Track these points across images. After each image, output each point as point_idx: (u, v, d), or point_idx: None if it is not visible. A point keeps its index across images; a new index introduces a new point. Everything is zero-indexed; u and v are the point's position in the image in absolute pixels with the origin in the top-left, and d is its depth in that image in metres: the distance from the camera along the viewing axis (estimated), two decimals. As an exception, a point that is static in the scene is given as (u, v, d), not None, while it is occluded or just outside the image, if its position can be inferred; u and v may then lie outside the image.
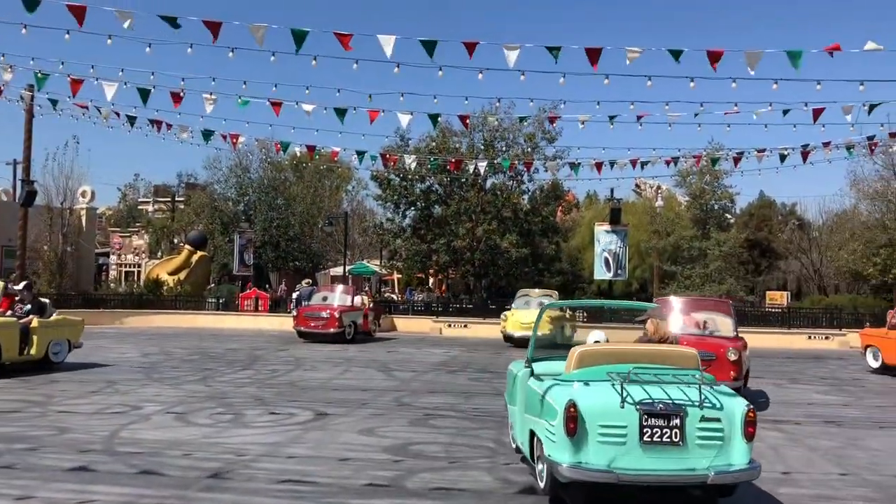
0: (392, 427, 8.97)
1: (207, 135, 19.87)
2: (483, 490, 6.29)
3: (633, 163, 22.29)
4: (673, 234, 41.63)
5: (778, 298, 38.82)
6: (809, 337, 24.85)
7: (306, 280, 32.11)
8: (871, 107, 15.79)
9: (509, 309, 22.93)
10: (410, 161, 26.69)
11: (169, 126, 19.68)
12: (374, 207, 45.20)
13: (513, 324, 21.58)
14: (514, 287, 40.98)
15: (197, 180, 52.55)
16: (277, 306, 31.12)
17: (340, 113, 16.51)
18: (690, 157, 24.27)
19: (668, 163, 22.23)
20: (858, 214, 38.79)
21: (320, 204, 44.67)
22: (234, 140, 20.94)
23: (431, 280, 45.23)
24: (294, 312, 23.33)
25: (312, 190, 44.68)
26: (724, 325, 12.10)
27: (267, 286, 38.12)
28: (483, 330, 26.36)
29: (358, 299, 23.47)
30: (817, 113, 16.08)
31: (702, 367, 6.04)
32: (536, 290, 25.10)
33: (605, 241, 29.16)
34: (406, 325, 28.52)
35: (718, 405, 5.40)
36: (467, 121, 20.10)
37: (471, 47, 12.77)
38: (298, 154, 28.05)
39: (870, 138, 21.13)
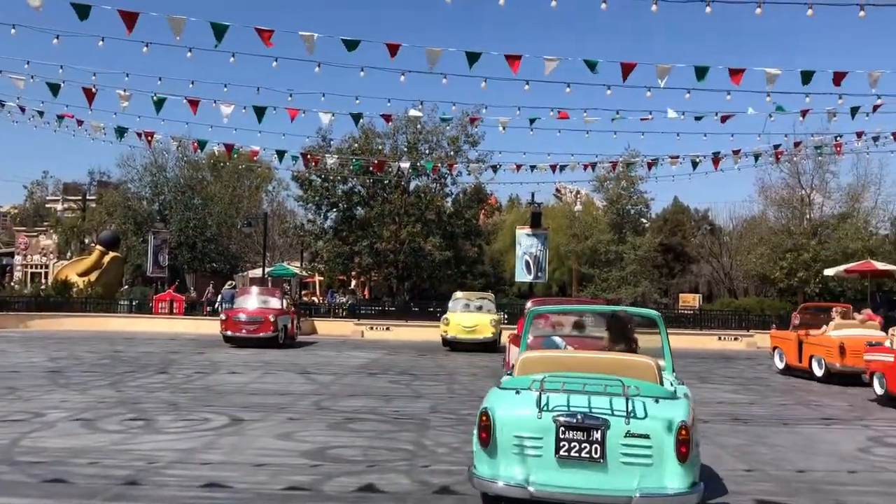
0: (310, 431, 8.85)
1: (121, 132, 19.24)
2: (401, 492, 6.26)
3: (553, 167, 22.70)
4: (591, 237, 42.53)
5: (690, 301, 40.13)
6: (719, 338, 25.80)
7: (229, 282, 31.49)
8: (779, 108, 16.57)
9: (445, 312, 22.72)
10: (332, 161, 26.46)
11: (80, 122, 18.97)
12: (295, 208, 44.62)
13: (455, 328, 21.26)
14: (438, 289, 41.17)
15: (110, 178, 50.77)
16: (193, 309, 30.38)
17: (259, 112, 16.24)
18: (607, 162, 24.88)
19: (585, 167, 22.73)
20: (766, 220, 40.51)
21: (239, 204, 43.77)
22: (149, 138, 20.33)
23: (354, 282, 44.91)
24: (223, 316, 22.66)
25: (231, 190, 43.76)
26: None
27: (191, 289, 37.08)
28: (406, 332, 26.35)
29: (285, 302, 23.06)
30: (725, 118, 16.82)
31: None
32: (473, 294, 25.00)
33: (526, 244, 29.60)
34: (327, 328, 28.24)
35: (647, 420, 4.82)
36: (391, 119, 20.04)
37: (393, 48, 12.77)
38: (216, 153, 27.45)
39: (776, 147, 22.15)
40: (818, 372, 15.49)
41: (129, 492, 6.10)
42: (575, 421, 4.83)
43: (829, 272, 31.82)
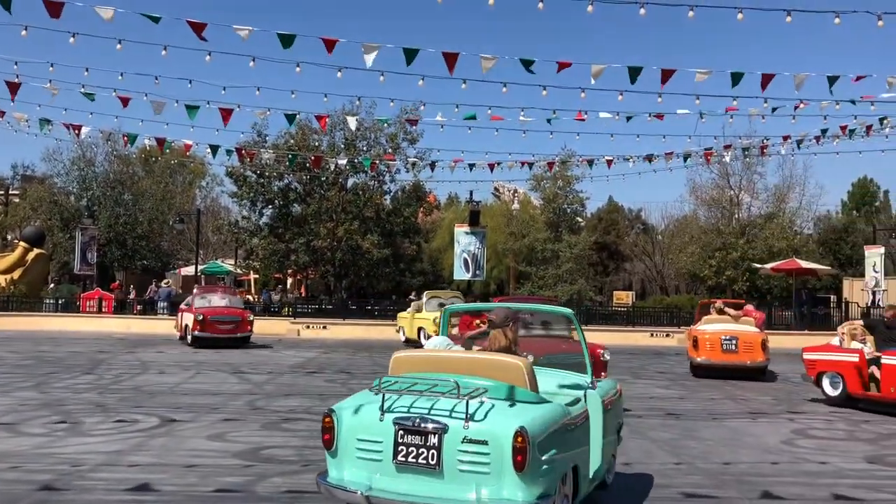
0: (243, 432, 8.70)
1: (45, 124, 18.57)
2: (336, 492, 6.21)
3: (491, 166, 22.90)
4: (528, 236, 42.98)
5: (624, 298, 40.99)
6: (652, 334, 26.40)
7: (165, 280, 30.75)
8: (702, 114, 17.11)
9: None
10: (268, 157, 26.09)
11: (2, 113, 18.25)
12: (230, 205, 43.83)
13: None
14: (376, 288, 41.00)
15: (34, 172, 48.93)
16: (123, 307, 29.58)
17: (192, 109, 15.88)
18: (544, 161, 25.21)
19: (522, 164, 23.01)
20: (696, 220, 41.68)
21: (171, 200, 42.73)
22: (77, 131, 19.68)
23: (290, 280, 44.38)
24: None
25: (163, 185, 42.71)
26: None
27: (131, 288, 35.98)
28: (343, 331, 26.17)
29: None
30: (659, 117, 17.28)
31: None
32: (447, 293, 25.21)
33: (464, 242, 29.74)
34: (262, 326, 27.74)
35: (487, 424, 4.44)
36: (325, 123, 19.83)
37: (330, 44, 12.65)
38: (147, 147, 26.77)
39: (707, 149, 22.84)
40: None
41: (53, 497, 5.89)
42: (412, 424, 4.53)
43: (757, 268, 32.97)
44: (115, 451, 7.52)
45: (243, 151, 25.42)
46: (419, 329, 21.61)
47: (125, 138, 21.50)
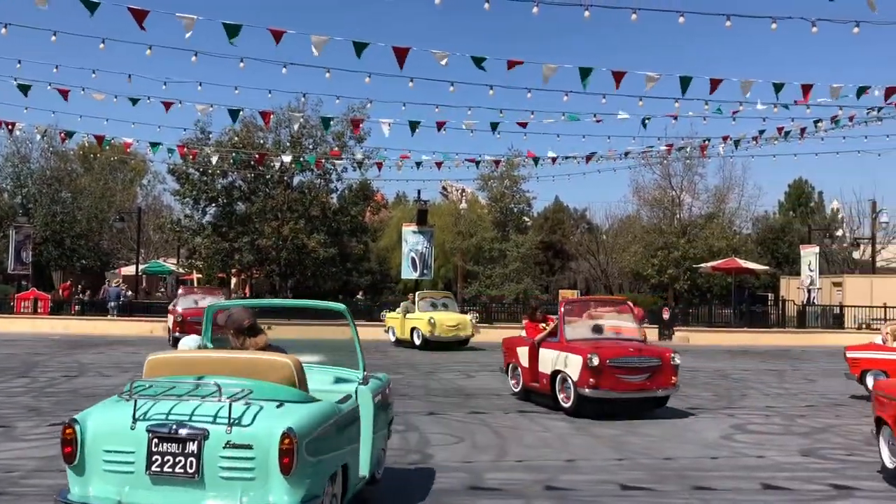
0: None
1: (-24, 118, 17.93)
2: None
3: (439, 164, 22.93)
4: (476, 235, 43.19)
5: (569, 297, 41.47)
6: (596, 332, 26.73)
7: (115, 280, 30.02)
8: (645, 119, 17.45)
9: (392, 311, 23.23)
10: (211, 154, 25.65)
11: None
12: (172, 203, 42.89)
13: (440, 327, 20.81)
14: (322, 287, 40.66)
15: (-36, 169, 47.15)
16: (60, 308, 28.73)
17: (132, 101, 15.52)
18: (491, 160, 25.36)
19: (470, 161, 23.18)
20: (639, 219, 42.43)
21: (111, 198, 41.67)
22: (10, 126, 19.05)
23: (234, 280, 43.70)
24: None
25: (103, 183, 41.63)
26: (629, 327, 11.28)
27: (79, 287, 34.93)
28: (289, 332, 25.74)
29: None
30: (599, 120, 17.62)
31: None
32: (436, 293, 25.59)
33: (412, 241, 29.68)
34: (206, 326, 27.31)
35: (252, 428, 4.23)
36: (269, 119, 19.58)
37: (277, 35, 12.44)
38: (86, 144, 26.03)
39: (649, 147, 23.34)
40: None
41: (-18, 505, 5.68)
42: (167, 432, 4.21)
43: (698, 267, 33.77)
44: (50, 455, 7.29)
45: (186, 148, 24.93)
46: (412, 329, 21.51)
47: (62, 134, 20.88)
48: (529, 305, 16.20)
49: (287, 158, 25.94)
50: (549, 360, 10.66)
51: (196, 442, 4.17)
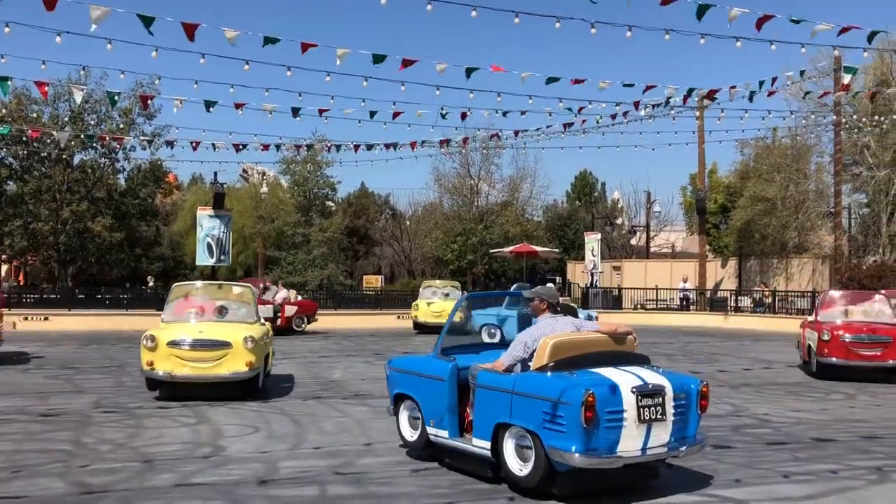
0: (-61, 439, 7.61)
1: None
2: (52, 497, 5.66)
3: (237, 147, 22.09)
4: (277, 220, 42.27)
5: (374, 282, 41.80)
6: (398, 317, 27.12)
7: None
8: (444, 114, 18.08)
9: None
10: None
11: None
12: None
13: (423, 312, 22.92)
14: (108, 274, 37.94)
15: None
16: None
17: None
18: (293, 144, 24.88)
19: (266, 147, 22.65)
20: (441, 206, 43.59)
21: None
22: None
23: (5, 267, 39.64)
24: None
25: None
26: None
27: None
28: (70, 322, 23.81)
29: None
30: (396, 115, 18.04)
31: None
32: (439, 282, 26.87)
33: (208, 225, 28.33)
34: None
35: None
36: (45, 91, 17.82)
37: (50, 2, 11.31)
38: None
39: (447, 140, 24.08)
40: None
41: None
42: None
43: (494, 252, 35.34)
44: None
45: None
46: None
47: None
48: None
49: (65, 134, 23.79)
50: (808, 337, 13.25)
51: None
